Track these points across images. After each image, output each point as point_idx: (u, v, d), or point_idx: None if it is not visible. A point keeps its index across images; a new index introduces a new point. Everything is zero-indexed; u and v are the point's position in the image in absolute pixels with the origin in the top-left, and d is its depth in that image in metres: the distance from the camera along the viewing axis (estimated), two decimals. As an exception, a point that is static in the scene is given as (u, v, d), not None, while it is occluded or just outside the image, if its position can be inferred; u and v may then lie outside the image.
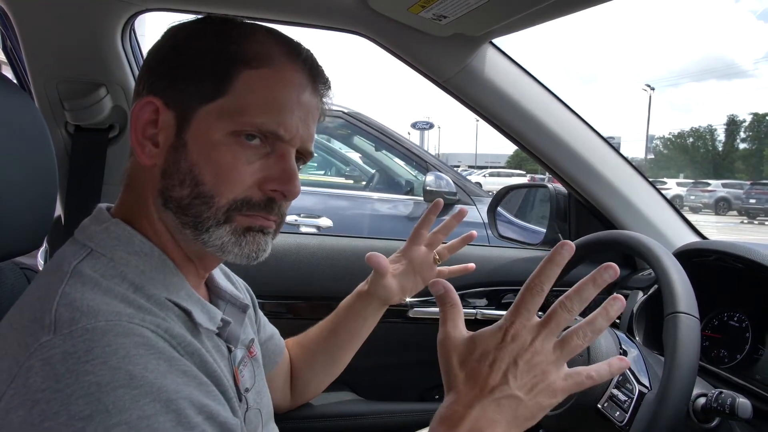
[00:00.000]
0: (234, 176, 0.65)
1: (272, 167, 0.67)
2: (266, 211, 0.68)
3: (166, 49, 0.70)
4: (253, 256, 0.69)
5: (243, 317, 0.79)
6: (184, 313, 0.66)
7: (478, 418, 0.56)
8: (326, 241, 1.55)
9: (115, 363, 0.52)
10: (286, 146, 0.68)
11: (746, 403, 0.80)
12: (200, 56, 0.67)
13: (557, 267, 0.60)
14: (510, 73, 1.30)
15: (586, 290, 0.60)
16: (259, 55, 0.67)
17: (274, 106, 0.66)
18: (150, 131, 0.67)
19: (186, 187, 0.65)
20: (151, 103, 0.67)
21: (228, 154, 0.65)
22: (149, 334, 0.56)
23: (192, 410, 0.54)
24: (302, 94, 0.69)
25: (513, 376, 0.57)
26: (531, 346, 0.58)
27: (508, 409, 0.57)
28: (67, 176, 1.29)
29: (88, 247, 0.64)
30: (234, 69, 0.66)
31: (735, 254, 1.08)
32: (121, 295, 0.59)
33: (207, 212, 0.65)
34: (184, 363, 0.58)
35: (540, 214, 2.16)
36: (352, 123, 3.71)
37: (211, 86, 0.66)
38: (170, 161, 0.66)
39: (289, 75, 0.68)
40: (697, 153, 58.89)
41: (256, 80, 0.66)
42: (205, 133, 0.65)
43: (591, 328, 0.60)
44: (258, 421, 0.80)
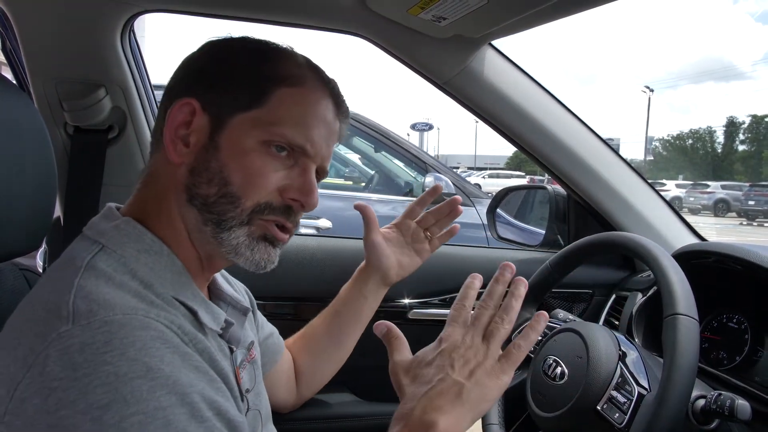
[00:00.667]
0: (261, 181, 0.69)
1: (295, 178, 0.72)
2: (284, 216, 0.72)
3: (205, 59, 0.75)
4: (261, 264, 0.72)
5: (243, 320, 0.81)
6: (190, 312, 0.67)
7: (425, 406, 0.63)
8: (325, 242, 1.54)
9: (133, 355, 0.53)
10: (309, 161, 0.73)
11: (745, 405, 0.80)
12: (239, 69, 0.72)
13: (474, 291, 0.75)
14: (509, 75, 1.31)
15: (495, 288, 0.74)
16: (294, 75, 0.73)
17: (304, 122, 0.72)
18: (182, 132, 0.71)
19: (214, 185, 0.69)
20: (189, 104, 0.71)
21: (258, 160, 0.69)
22: (164, 329, 0.58)
23: (204, 405, 0.56)
24: (328, 116, 0.75)
25: (451, 368, 0.66)
26: (462, 342, 0.68)
27: (453, 395, 0.64)
28: (67, 177, 1.29)
29: (100, 243, 0.65)
30: (272, 84, 0.71)
31: (734, 256, 1.08)
32: (134, 290, 0.61)
33: (232, 212, 0.69)
34: (197, 358, 0.60)
35: (539, 215, 2.16)
36: (352, 124, 3.71)
37: (249, 97, 0.70)
38: (200, 160, 0.70)
39: (319, 96, 0.74)
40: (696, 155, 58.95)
41: (291, 97, 0.72)
42: (239, 138, 0.70)
43: (505, 312, 0.71)
44: (257, 423, 0.81)
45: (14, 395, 0.52)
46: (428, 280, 1.47)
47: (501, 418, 1.06)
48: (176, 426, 0.52)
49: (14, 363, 0.53)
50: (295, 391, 1.12)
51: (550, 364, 0.95)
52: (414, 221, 1.13)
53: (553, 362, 0.94)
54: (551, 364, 0.95)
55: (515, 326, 1.12)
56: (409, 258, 1.12)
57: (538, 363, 0.98)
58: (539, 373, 0.97)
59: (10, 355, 0.55)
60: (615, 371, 0.87)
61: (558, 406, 0.90)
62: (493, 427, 1.05)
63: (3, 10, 1.15)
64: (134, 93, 1.29)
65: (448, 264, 1.54)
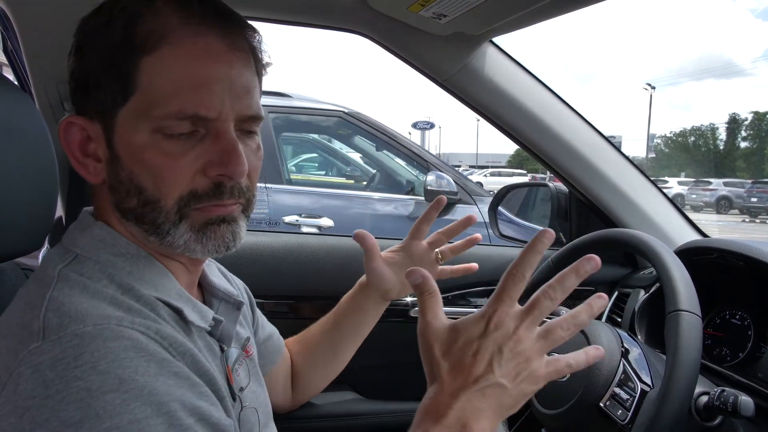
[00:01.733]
0: (169, 175, 0.61)
1: (210, 150, 0.62)
2: (217, 198, 0.64)
3: (72, 55, 0.65)
4: (221, 249, 0.66)
5: (237, 314, 0.78)
6: (174, 312, 0.65)
7: (464, 407, 0.56)
8: (327, 240, 1.54)
9: (104, 367, 0.51)
10: (218, 124, 0.62)
11: (748, 401, 0.80)
12: (99, 55, 0.62)
13: (538, 254, 0.61)
14: (510, 72, 1.30)
15: (568, 280, 0.60)
16: (153, 33, 0.60)
17: (185, 87, 0.60)
18: (90, 147, 0.65)
19: (133, 197, 0.63)
20: (72, 123, 0.64)
21: (156, 153, 0.61)
22: (139, 337, 0.56)
23: (184, 412, 0.54)
24: (216, 62, 0.62)
25: (498, 365, 0.57)
26: (515, 334, 0.58)
27: (493, 398, 0.57)
28: (68, 177, 1.29)
29: (74, 252, 0.64)
30: (132, 60, 0.60)
31: (737, 252, 1.07)
32: (110, 297, 0.59)
33: (159, 217, 0.63)
34: (176, 364, 0.57)
35: (541, 213, 2.16)
36: (353, 123, 3.71)
37: (118, 86, 0.61)
38: (111, 175, 0.64)
39: (191, 45, 0.61)
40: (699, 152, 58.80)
41: (158, 65, 0.60)
42: (130, 137, 0.62)
43: (574, 321, 0.60)
44: (255, 420, 0.79)
45: None
46: None
47: (504, 416, 1.06)
48: None
49: None
50: (291, 394, 1.10)
51: (552, 361, 0.95)
52: (423, 242, 1.03)
53: (555, 359, 0.94)
54: (554, 361, 0.94)
55: None
56: None
57: (541, 360, 0.98)
58: (542, 371, 0.96)
59: None
60: (618, 368, 0.86)
61: (561, 402, 0.90)
62: (496, 424, 1.04)
63: (4, 10, 1.15)
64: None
65: (450, 261, 1.53)
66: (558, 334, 0.60)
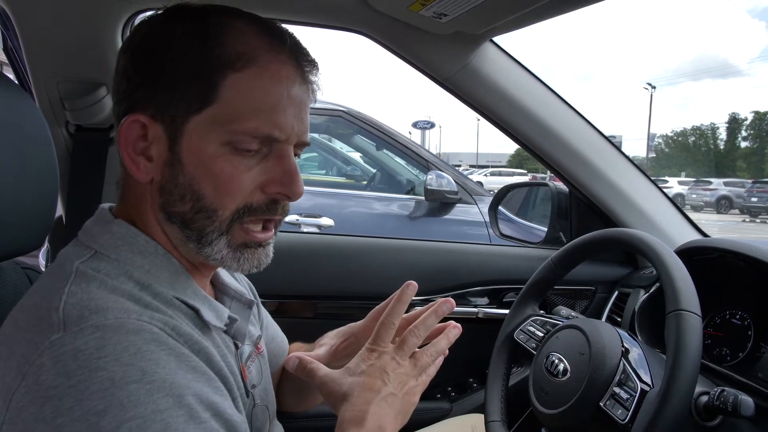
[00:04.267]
0: (235, 187, 0.64)
1: (272, 169, 0.66)
2: (269, 213, 0.68)
3: (137, 54, 0.66)
4: (254, 269, 0.70)
5: (249, 313, 0.80)
6: (192, 310, 0.66)
7: (376, 412, 0.67)
8: (327, 240, 1.55)
9: (127, 359, 0.52)
10: (283, 146, 0.67)
11: (748, 401, 0.80)
12: (181, 61, 0.63)
13: (404, 305, 0.76)
14: (511, 71, 1.30)
15: (429, 319, 0.76)
16: (243, 54, 0.64)
17: (265, 107, 0.64)
18: (141, 145, 0.65)
19: (187, 202, 0.64)
20: (137, 121, 0.64)
21: (226, 165, 0.63)
22: (158, 331, 0.57)
23: (201, 406, 0.55)
24: (292, 88, 0.66)
25: (388, 380, 0.70)
26: (393, 361, 0.72)
27: (393, 404, 0.70)
28: (68, 176, 1.29)
29: (92, 249, 0.64)
30: (219, 74, 0.63)
31: (737, 252, 1.07)
32: (128, 293, 0.60)
33: (210, 225, 0.65)
34: (193, 359, 0.59)
35: (541, 212, 2.16)
36: (353, 122, 3.71)
37: (198, 95, 0.63)
38: (167, 176, 0.65)
39: (275, 69, 0.65)
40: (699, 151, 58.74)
41: (243, 83, 0.63)
42: (200, 145, 0.63)
43: (435, 349, 0.76)
44: (265, 418, 0.81)
45: (11, 405, 0.51)
46: (430, 278, 1.47)
47: (503, 415, 1.06)
48: (175, 428, 0.52)
49: (9, 372, 0.53)
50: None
51: (552, 360, 0.95)
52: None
53: (555, 359, 0.94)
54: (554, 360, 0.94)
55: (518, 322, 1.12)
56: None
57: (541, 360, 0.98)
58: (542, 370, 0.97)
59: (4, 364, 0.54)
60: (618, 367, 0.86)
61: (561, 402, 0.90)
62: (496, 424, 1.05)
63: (4, 10, 1.15)
64: (135, 92, 1.29)
65: (450, 261, 1.54)
66: (424, 360, 0.74)
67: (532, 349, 1.06)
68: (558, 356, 0.94)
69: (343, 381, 0.71)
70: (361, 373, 0.71)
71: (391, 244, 1.56)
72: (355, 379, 0.71)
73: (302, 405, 1.06)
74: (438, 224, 3.45)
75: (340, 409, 0.69)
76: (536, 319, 1.11)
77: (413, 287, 0.77)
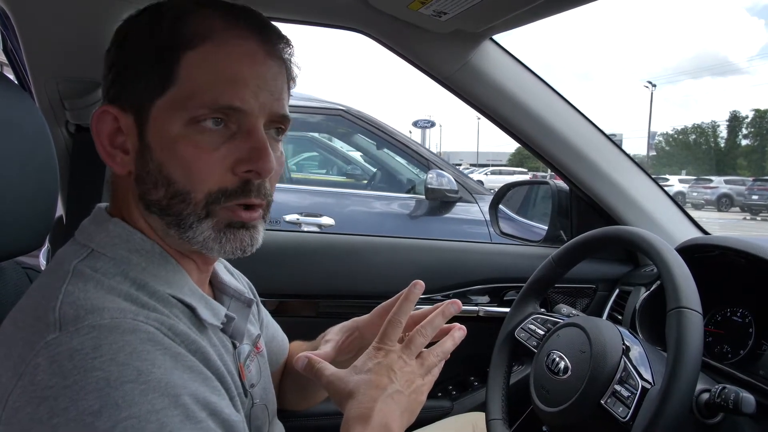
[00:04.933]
0: (202, 167, 0.63)
1: (240, 146, 0.64)
2: (245, 195, 0.65)
3: (112, 49, 0.68)
4: (237, 252, 0.67)
5: (248, 312, 0.79)
6: (188, 309, 0.66)
7: (382, 409, 0.67)
8: (328, 239, 1.55)
9: (123, 359, 0.52)
10: (250, 119, 0.64)
11: (750, 399, 0.79)
12: (141, 50, 0.65)
13: (411, 303, 0.75)
14: (511, 69, 1.30)
15: (436, 320, 0.75)
16: (198, 32, 0.63)
17: (223, 81, 0.63)
18: (119, 139, 0.66)
19: (160, 188, 0.64)
20: (107, 112, 0.65)
21: (190, 145, 0.63)
22: (154, 331, 0.57)
23: (197, 406, 0.55)
24: (254, 63, 0.65)
25: (395, 378, 0.70)
26: (399, 360, 0.71)
27: (399, 402, 0.69)
28: (69, 175, 1.30)
29: (89, 248, 0.64)
30: (174, 54, 0.63)
31: (738, 249, 1.07)
32: (125, 292, 0.60)
33: (187, 209, 0.64)
34: (190, 359, 0.59)
35: (542, 211, 2.16)
36: (354, 122, 3.71)
37: (158, 78, 0.63)
38: (140, 166, 0.65)
39: (232, 45, 0.64)
40: (700, 150, 58.71)
41: (199, 60, 0.63)
42: (163, 128, 0.63)
43: (441, 349, 0.75)
44: (265, 417, 0.80)
45: (7, 405, 0.51)
46: (431, 277, 1.47)
47: (504, 414, 1.06)
48: (170, 428, 0.52)
49: (5, 372, 0.53)
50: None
51: (553, 359, 0.95)
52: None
53: (556, 357, 0.94)
54: (555, 359, 0.94)
55: (519, 320, 1.12)
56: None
57: (542, 358, 0.98)
58: (542, 368, 0.96)
59: (2, 364, 0.54)
60: (619, 365, 0.86)
61: (562, 400, 0.90)
62: (497, 422, 1.05)
63: (3, 10, 1.15)
64: (135, 91, 1.29)
65: (451, 260, 1.54)
66: (431, 359, 0.74)
67: (533, 347, 1.06)
68: (559, 354, 0.94)
69: (350, 379, 0.71)
70: (367, 371, 0.70)
71: (392, 242, 1.56)
72: (361, 376, 0.70)
73: (305, 403, 1.06)
74: (438, 223, 3.45)
75: (346, 407, 0.69)
76: (537, 317, 1.11)
77: (420, 286, 0.76)
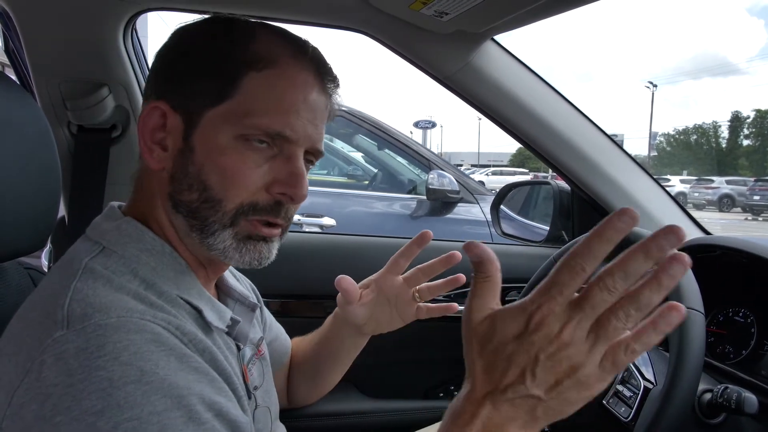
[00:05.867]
0: (241, 180, 0.65)
1: (279, 169, 0.67)
2: (273, 215, 0.68)
3: (172, 52, 0.70)
4: (255, 263, 0.69)
5: (252, 316, 0.80)
6: (195, 311, 0.66)
7: (491, 416, 0.48)
8: (329, 239, 1.55)
9: (126, 359, 0.52)
10: (293, 147, 0.68)
11: (752, 398, 0.79)
12: (206, 59, 0.67)
13: (609, 244, 0.45)
14: (512, 70, 1.30)
15: (634, 262, 0.44)
16: (264, 56, 0.67)
17: (280, 107, 0.66)
18: (159, 135, 0.68)
19: (194, 191, 0.66)
20: (158, 108, 0.68)
21: (235, 157, 0.65)
22: (161, 331, 0.57)
23: (202, 407, 0.55)
24: (309, 94, 0.68)
25: (531, 375, 0.46)
26: (558, 337, 0.46)
27: (524, 410, 0.48)
28: (71, 176, 1.30)
29: (100, 245, 0.65)
30: (239, 72, 0.66)
31: (739, 249, 1.07)
32: (133, 291, 0.60)
33: (214, 216, 0.66)
34: (196, 360, 0.59)
35: (543, 211, 2.16)
36: (355, 122, 3.71)
37: (217, 89, 0.66)
38: (178, 165, 0.67)
39: (294, 75, 0.68)
40: (701, 150, 58.67)
41: (261, 82, 0.66)
42: (212, 136, 0.65)
43: (637, 307, 0.44)
44: (267, 420, 0.81)
45: (12, 401, 0.51)
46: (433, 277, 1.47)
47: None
48: (172, 430, 0.52)
49: (13, 368, 0.53)
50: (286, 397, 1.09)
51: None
52: (399, 278, 0.94)
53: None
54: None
55: None
56: (389, 317, 0.96)
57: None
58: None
59: (10, 360, 0.54)
60: (620, 365, 0.86)
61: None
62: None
63: (6, 10, 1.15)
64: (137, 92, 1.29)
65: (452, 260, 1.53)
66: (617, 327, 0.45)
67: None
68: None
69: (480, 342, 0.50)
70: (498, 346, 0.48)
71: (393, 243, 1.56)
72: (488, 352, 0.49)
73: (317, 392, 1.08)
74: (440, 223, 3.45)
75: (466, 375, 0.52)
76: (539, 317, 1.10)
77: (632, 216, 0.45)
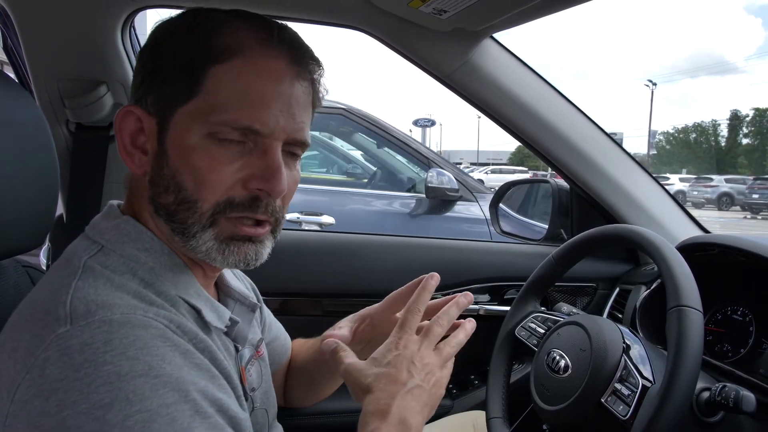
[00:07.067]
0: (213, 179, 0.63)
1: (255, 164, 0.64)
2: (251, 210, 0.65)
3: (146, 51, 0.68)
4: (240, 265, 0.67)
5: (252, 316, 0.79)
6: (194, 310, 0.66)
7: (400, 405, 0.65)
8: (328, 237, 1.55)
9: (134, 354, 0.53)
10: (268, 141, 0.65)
11: (750, 397, 0.79)
12: (173, 56, 0.65)
13: (429, 293, 0.75)
14: (511, 68, 1.30)
15: (451, 310, 0.75)
16: (229, 47, 0.63)
17: (246, 99, 0.63)
18: (140, 139, 0.67)
19: (171, 193, 0.65)
20: (131, 113, 0.66)
21: (205, 157, 0.63)
22: (163, 328, 0.57)
23: (206, 402, 0.56)
24: (281, 83, 0.65)
25: (415, 372, 0.68)
26: (419, 352, 0.70)
27: (418, 397, 0.67)
28: (69, 174, 1.30)
29: (99, 244, 0.65)
30: (201, 66, 0.63)
31: (738, 248, 1.07)
32: (134, 290, 0.60)
33: (192, 218, 0.64)
34: (198, 356, 0.59)
35: (542, 209, 2.16)
36: (354, 120, 3.71)
37: (184, 87, 0.63)
38: (156, 169, 0.66)
39: (261, 63, 0.64)
40: (700, 148, 58.68)
41: (226, 75, 0.63)
42: (182, 137, 0.64)
43: (456, 340, 0.75)
44: (264, 421, 0.81)
45: (15, 398, 0.51)
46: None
47: (505, 412, 1.06)
48: (181, 422, 0.52)
49: (14, 365, 0.53)
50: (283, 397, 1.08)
51: (553, 357, 0.95)
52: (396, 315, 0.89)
53: (556, 355, 0.94)
54: (555, 357, 0.94)
55: (519, 319, 1.12)
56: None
57: (542, 356, 0.98)
58: (543, 367, 0.96)
59: (10, 357, 0.54)
60: (619, 364, 0.86)
61: (562, 399, 0.90)
62: (497, 420, 1.05)
63: (4, 9, 1.15)
64: (136, 90, 1.29)
65: (451, 258, 1.53)
66: (447, 350, 0.73)
67: (533, 345, 1.06)
68: (559, 353, 0.94)
69: (369, 372, 0.69)
70: (387, 364, 0.68)
71: (392, 241, 1.56)
72: (380, 370, 0.68)
73: (313, 398, 1.07)
74: (439, 222, 3.45)
75: (363, 401, 0.67)
76: (537, 315, 1.11)
77: (437, 278, 0.77)
